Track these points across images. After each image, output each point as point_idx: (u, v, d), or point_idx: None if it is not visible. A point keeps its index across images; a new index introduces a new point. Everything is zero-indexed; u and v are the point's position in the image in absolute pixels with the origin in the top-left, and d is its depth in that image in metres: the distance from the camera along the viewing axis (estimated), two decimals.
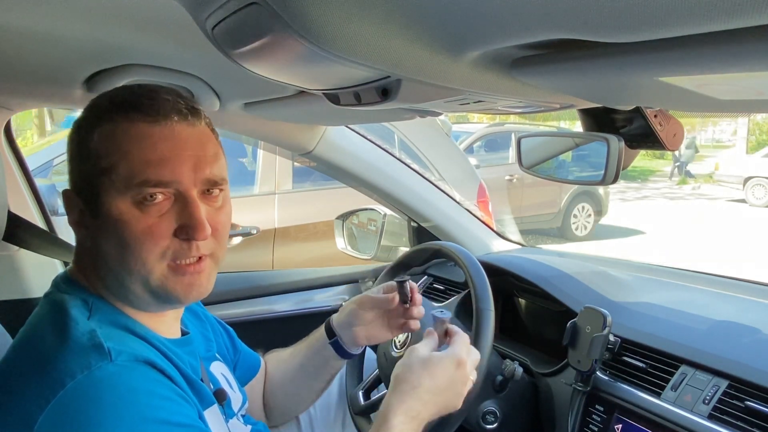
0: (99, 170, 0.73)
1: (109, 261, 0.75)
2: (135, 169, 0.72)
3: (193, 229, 0.73)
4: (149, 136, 0.73)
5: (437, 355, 0.91)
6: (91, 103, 0.78)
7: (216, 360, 0.98)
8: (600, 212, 8.34)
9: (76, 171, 0.77)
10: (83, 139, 0.75)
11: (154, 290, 0.75)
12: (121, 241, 0.73)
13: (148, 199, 0.72)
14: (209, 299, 0.87)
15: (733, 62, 0.43)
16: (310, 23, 0.51)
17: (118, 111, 0.74)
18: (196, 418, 0.73)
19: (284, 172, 3.78)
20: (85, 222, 0.77)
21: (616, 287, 1.34)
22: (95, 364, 0.66)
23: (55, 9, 0.77)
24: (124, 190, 0.72)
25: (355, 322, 1.10)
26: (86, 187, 0.75)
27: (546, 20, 0.43)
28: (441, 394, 0.89)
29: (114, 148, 0.73)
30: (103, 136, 0.74)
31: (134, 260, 0.73)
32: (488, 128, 8.45)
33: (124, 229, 0.72)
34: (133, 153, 0.72)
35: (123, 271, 0.74)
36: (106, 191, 0.73)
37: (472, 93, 0.71)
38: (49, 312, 0.75)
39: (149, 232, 0.73)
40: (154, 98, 0.75)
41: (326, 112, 1.26)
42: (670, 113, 0.96)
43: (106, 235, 0.74)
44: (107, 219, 0.73)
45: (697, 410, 0.94)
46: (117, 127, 0.73)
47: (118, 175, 0.72)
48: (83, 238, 0.79)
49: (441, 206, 1.77)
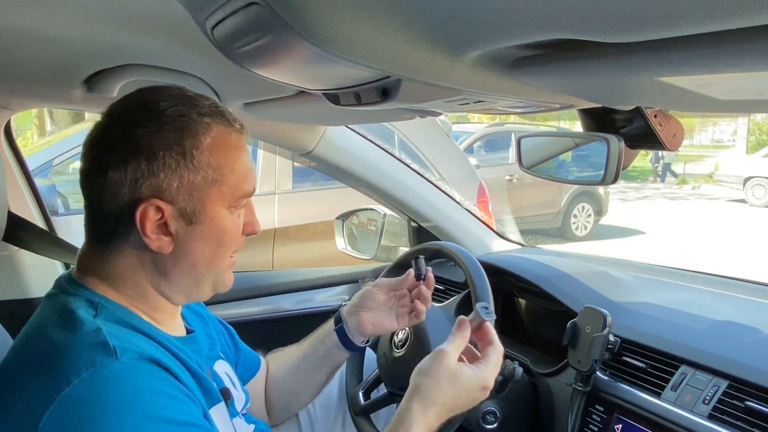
0: (210, 181, 0.78)
1: (199, 262, 0.80)
2: (240, 181, 0.81)
3: (256, 226, 0.87)
4: (240, 148, 0.81)
5: (468, 375, 0.88)
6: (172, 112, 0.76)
7: (220, 359, 0.99)
8: (600, 212, 8.34)
9: (176, 180, 0.75)
10: (185, 148, 0.75)
11: (217, 283, 0.84)
12: (219, 243, 0.81)
13: (239, 206, 0.82)
14: (210, 299, 0.88)
15: (733, 62, 0.43)
16: (310, 23, 0.51)
17: (214, 120, 0.78)
18: (201, 417, 0.73)
19: (284, 172, 3.78)
20: (168, 229, 0.76)
21: (616, 287, 1.34)
22: (100, 361, 0.66)
23: (55, 9, 0.77)
24: (228, 200, 0.80)
25: (365, 304, 1.12)
26: (188, 195, 0.76)
27: (546, 20, 0.43)
28: (458, 410, 0.90)
29: (225, 161, 0.78)
30: (211, 147, 0.77)
31: (222, 259, 0.82)
32: (488, 128, 8.45)
33: (224, 232, 0.81)
34: (236, 165, 0.80)
35: (208, 270, 0.82)
36: (212, 200, 0.78)
37: (472, 93, 0.71)
38: (53, 311, 0.75)
39: (237, 233, 0.84)
40: (227, 109, 0.81)
41: (326, 112, 1.26)
42: (670, 113, 0.96)
43: (204, 238, 0.79)
44: (210, 225, 0.79)
45: (697, 410, 0.94)
46: (220, 139, 0.78)
47: (228, 186, 0.79)
48: (162, 245, 0.77)
49: (441, 206, 1.77)
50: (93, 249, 0.81)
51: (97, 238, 0.80)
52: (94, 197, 0.77)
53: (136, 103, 0.78)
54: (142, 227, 0.75)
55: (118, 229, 0.77)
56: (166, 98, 0.78)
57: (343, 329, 1.13)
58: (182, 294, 0.83)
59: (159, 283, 0.80)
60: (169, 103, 0.77)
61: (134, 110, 0.77)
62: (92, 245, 0.81)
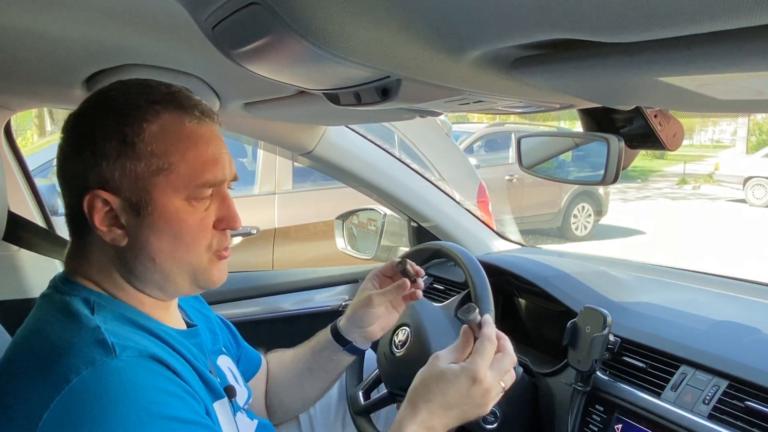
0: (154, 170, 0.74)
1: (159, 256, 0.77)
2: (195, 170, 0.76)
3: (233, 221, 0.81)
4: (200, 137, 0.77)
5: (453, 371, 0.86)
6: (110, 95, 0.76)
7: (222, 354, 0.99)
8: (600, 212, 8.34)
9: (112, 169, 0.74)
10: (126, 136, 0.74)
11: (198, 278, 0.80)
12: (176, 236, 0.76)
13: (199, 197, 0.77)
14: (209, 299, 0.88)
15: (733, 62, 0.43)
16: (310, 23, 0.51)
17: (162, 108, 0.75)
18: (202, 414, 0.73)
19: (284, 172, 3.78)
20: (120, 221, 0.75)
21: (616, 287, 1.34)
22: (99, 359, 0.66)
23: (55, 9, 0.77)
24: (182, 189, 0.76)
25: (366, 322, 1.12)
26: (131, 185, 0.74)
27: (546, 20, 0.43)
28: (453, 409, 0.86)
29: (171, 149, 0.75)
30: (154, 135, 0.74)
31: (186, 253, 0.78)
32: (488, 128, 8.45)
33: (180, 224, 0.76)
34: (190, 153, 0.76)
35: (173, 264, 0.78)
36: (161, 190, 0.75)
37: (472, 93, 0.71)
38: (49, 311, 0.75)
39: (201, 226, 0.78)
40: (189, 97, 0.78)
41: (326, 112, 1.26)
42: (670, 113, 0.96)
43: (156, 231, 0.76)
44: (159, 216, 0.75)
45: (697, 410, 0.94)
46: (167, 126, 0.75)
47: (177, 175, 0.75)
48: (115, 237, 0.76)
49: (441, 206, 1.77)
50: (72, 245, 0.81)
51: (71, 233, 0.81)
52: (62, 189, 0.79)
53: (95, 95, 0.78)
54: (91, 219, 0.75)
55: (81, 223, 0.77)
56: (123, 86, 0.77)
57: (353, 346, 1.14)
58: (155, 288, 0.80)
59: (129, 278, 0.79)
60: (120, 92, 0.76)
61: (89, 102, 0.78)
62: (71, 240, 0.81)
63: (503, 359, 0.89)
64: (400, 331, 1.21)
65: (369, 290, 1.13)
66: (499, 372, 0.88)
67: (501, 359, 0.89)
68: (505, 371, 0.89)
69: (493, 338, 0.89)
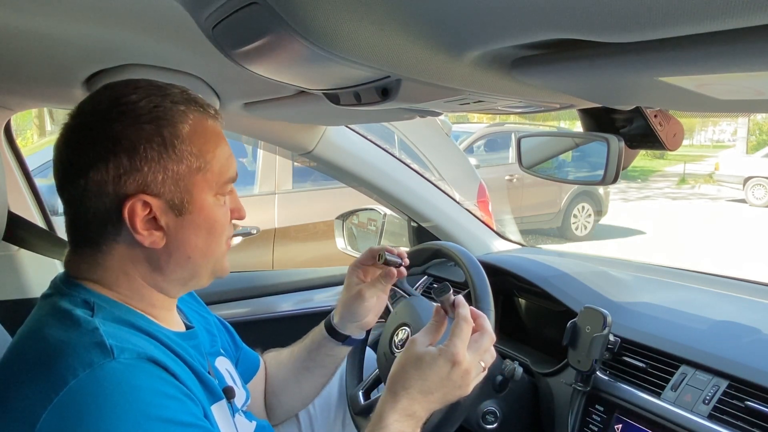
0: (195, 169, 0.77)
1: (193, 253, 0.79)
2: (224, 167, 0.80)
3: (242, 212, 0.86)
4: (218, 133, 0.81)
5: (431, 354, 0.86)
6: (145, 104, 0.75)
7: (221, 355, 0.99)
8: (600, 212, 8.34)
9: (160, 172, 0.74)
10: (169, 141, 0.75)
11: (216, 269, 0.84)
12: (210, 231, 0.80)
13: (224, 192, 0.82)
14: (209, 299, 0.88)
15: (733, 62, 0.43)
16: (310, 23, 0.51)
17: (192, 110, 0.78)
18: (201, 417, 0.73)
19: (284, 172, 3.78)
20: (158, 224, 0.75)
21: (616, 287, 1.34)
22: (98, 361, 0.66)
23: (55, 9, 0.77)
24: (214, 186, 0.79)
25: (361, 316, 1.14)
26: (175, 186, 0.76)
27: (546, 20, 0.43)
28: (434, 393, 0.86)
29: (206, 147, 0.78)
30: (189, 135, 0.76)
31: (217, 246, 0.82)
32: (488, 128, 8.45)
33: (214, 220, 0.80)
34: (217, 150, 0.79)
35: (204, 259, 0.81)
36: (199, 188, 0.78)
37: (472, 93, 0.71)
38: (49, 312, 0.75)
39: (225, 219, 0.83)
40: (200, 96, 0.81)
41: (326, 112, 1.26)
42: (670, 113, 0.96)
43: (195, 228, 0.78)
44: (199, 213, 0.78)
45: (697, 410, 0.94)
46: (197, 126, 0.78)
47: (212, 172, 0.79)
48: (154, 240, 0.75)
49: (441, 206, 1.77)
50: (81, 253, 0.78)
51: (84, 242, 0.78)
52: (76, 201, 0.76)
53: (106, 99, 0.76)
54: (132, 224, 0.74)
55: (106, 230, 0.75)
56: (136, 90, 0.76)
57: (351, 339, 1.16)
58: (179, 285, 0.83)
59: (154, 279, 0.79)
60: (140, 95, 0.75)
61: (106, 106, 0.75)
62: (79, 249, 0.79)
63: (481, 338, 0.89)
64: (400, 330, 1.21)
65: (356, 284, 1.14)
66: (477, 352, 0.88)
67: (479, 339, 0.89)
68: (484, 350, 0.89)
69: (469, 318, 0.89)
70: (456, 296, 0.92)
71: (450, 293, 0.91)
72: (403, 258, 1.13)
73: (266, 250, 3.60)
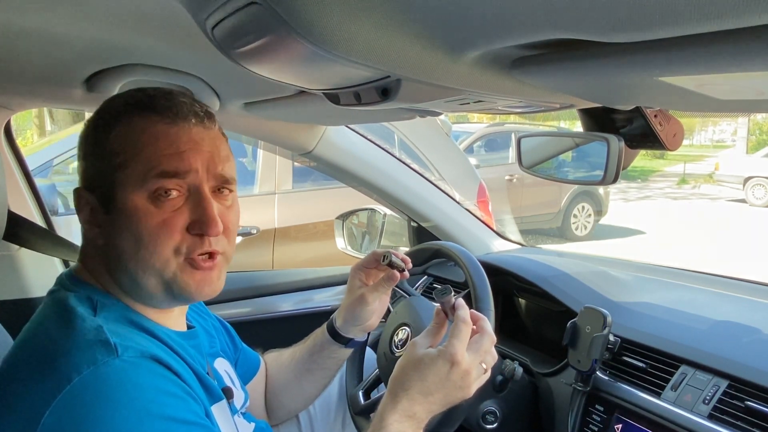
0: (114, 166, 0.76)
1: (123, 257, 0.75)
2: (151, 162, 0.74)
3: (206, 225, 0.75)
4: (166, 135, 0.76)
5: (430, 355, 0.85)
6: (106, 103, 0.80)
7: (220, 356, 0.99)
8: (600, 212, 8.35)
9: (90, 168, 0.78)
10: (99, 138, 0.77)
11: (168, 285, 0.76)
12: (137, 236, 0.74)
13: (163, 195, 0.74)
14: (209, 299, 0.88)
15: (733, 62, 0.43)
16: (310, 23, 0.51)
17: (135, 111, 0.77)
18: (202, 416, 0.73)
19: (284, 172, 3.78)
20: (97, 219, 0.77)
21: (616, 287, 1.34)
22: (101, 359, 0.66)
23: (55, 9, 0.77)
24: (140, 184, 0.74)
25: (364, 319, 1.14)
26: (100, 183, 0.77)
27: (546, 20, 0.43)
28: (434, 394, 0.85)
29: (130, 145, 0.75)
30: (119, 134, 0.76)
31: (149, 254, 0.74)
32: (488, 128, 8.45)
33: (138, 223, 0.74)
34: (149, 148, 0.75)
35: (137, 266, 0.75)
36: (121, 186, 0.75)
37: (472, 93, 0.71)
38: (54, 309, 0.76)
39: (163, 226, 0.74)
40: (170, 100, 0.78)
41: (326, 112, 1.26)
42: (670, 113, 0.96)
43: (121, 230, 0.75)
44: (122, 214, 0.75)
45: (697, 410, 0.94)
46: (134, 127, 0.76)
47: (134, 169, 0.74)
48: (95, 235, 0.78)
49: (441, 206, 1.77)
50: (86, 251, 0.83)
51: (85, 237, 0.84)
52: None
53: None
54: (78, 214, 0.79)
55: None
56: (120, 93, 0.82)
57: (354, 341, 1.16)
58: (131, 292, 0.78)
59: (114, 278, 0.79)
60: (113, 97, 0.82)
61: None
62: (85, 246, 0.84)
63: (481, 339, 0.88)
64: (400, 330, 1.21)
65: (359, 287, 1.14)
66: (477, 353, 0.87)
67: (479, 340, 0.88)
68: (485, 351, 0.88)
69: (468, 320, 0.88)
70: (456, 298, 0.92)
71: (451, 295, 0.91)
72: (406, 263, 1.12)
73: (266, 250, 3.60)
